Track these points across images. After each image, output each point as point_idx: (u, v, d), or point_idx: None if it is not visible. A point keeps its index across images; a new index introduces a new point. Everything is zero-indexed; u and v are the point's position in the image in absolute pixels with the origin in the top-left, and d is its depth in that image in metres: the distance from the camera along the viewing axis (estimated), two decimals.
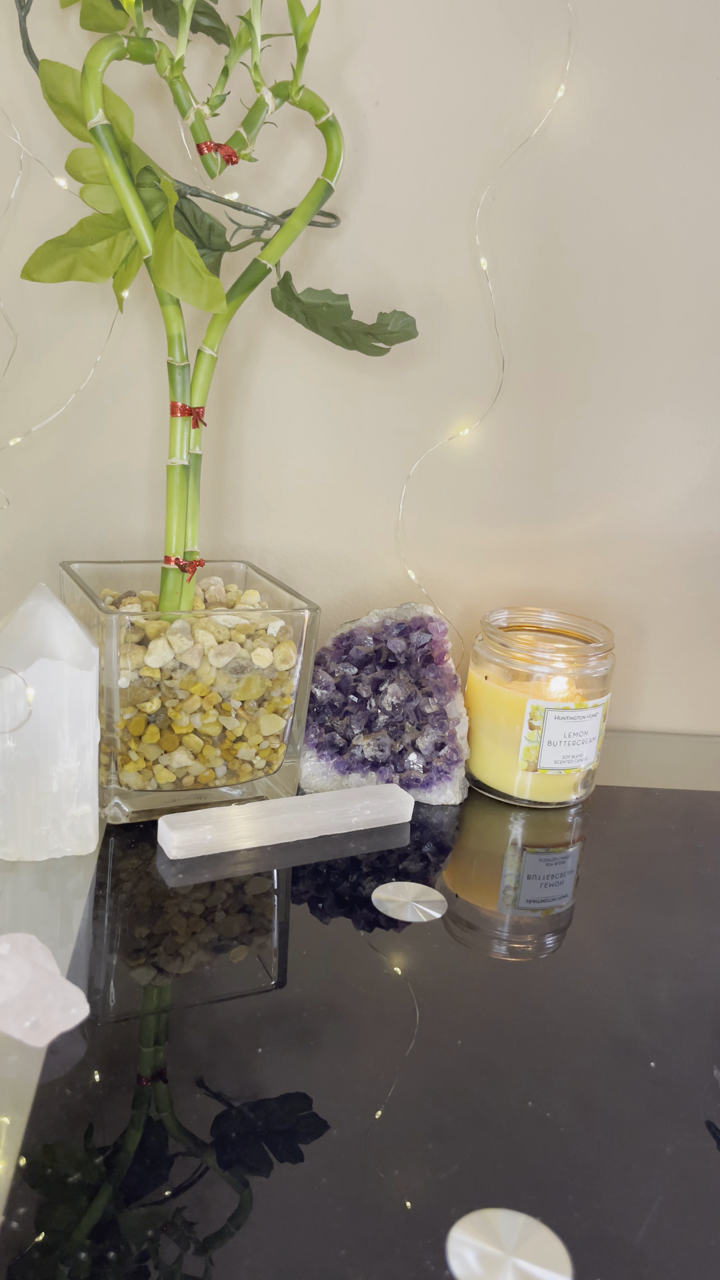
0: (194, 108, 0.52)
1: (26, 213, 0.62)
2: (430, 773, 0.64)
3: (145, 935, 0.48)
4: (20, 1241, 0.31)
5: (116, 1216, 0.33)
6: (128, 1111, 0.37)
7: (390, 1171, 0.35)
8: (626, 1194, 0.35)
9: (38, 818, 0.52)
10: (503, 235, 0.68)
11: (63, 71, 0.52)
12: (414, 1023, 0.43)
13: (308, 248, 0.67)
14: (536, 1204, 0.35)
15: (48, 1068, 0.39)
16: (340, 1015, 0.43)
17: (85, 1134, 0.36)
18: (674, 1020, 0.45)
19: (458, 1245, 0.33)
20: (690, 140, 0.67)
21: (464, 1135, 0.37)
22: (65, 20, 0.59)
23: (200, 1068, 0.40)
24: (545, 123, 0.65)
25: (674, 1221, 0.35)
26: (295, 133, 0.64)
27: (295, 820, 0.58)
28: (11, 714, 0.49)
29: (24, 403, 0.66)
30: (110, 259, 0.55)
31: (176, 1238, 0.32)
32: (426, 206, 0.67)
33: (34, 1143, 0.35)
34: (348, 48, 0.63)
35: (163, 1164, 0.35)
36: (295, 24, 0.52)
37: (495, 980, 0.47)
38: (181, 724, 0.58)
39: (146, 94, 0.62)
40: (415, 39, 0.63)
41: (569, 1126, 0.38)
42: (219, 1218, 0.33)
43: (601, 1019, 0.45)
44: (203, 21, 0.57)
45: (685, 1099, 0.40)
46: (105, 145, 0.51)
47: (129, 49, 0.50)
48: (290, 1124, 0.37)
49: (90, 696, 0.51)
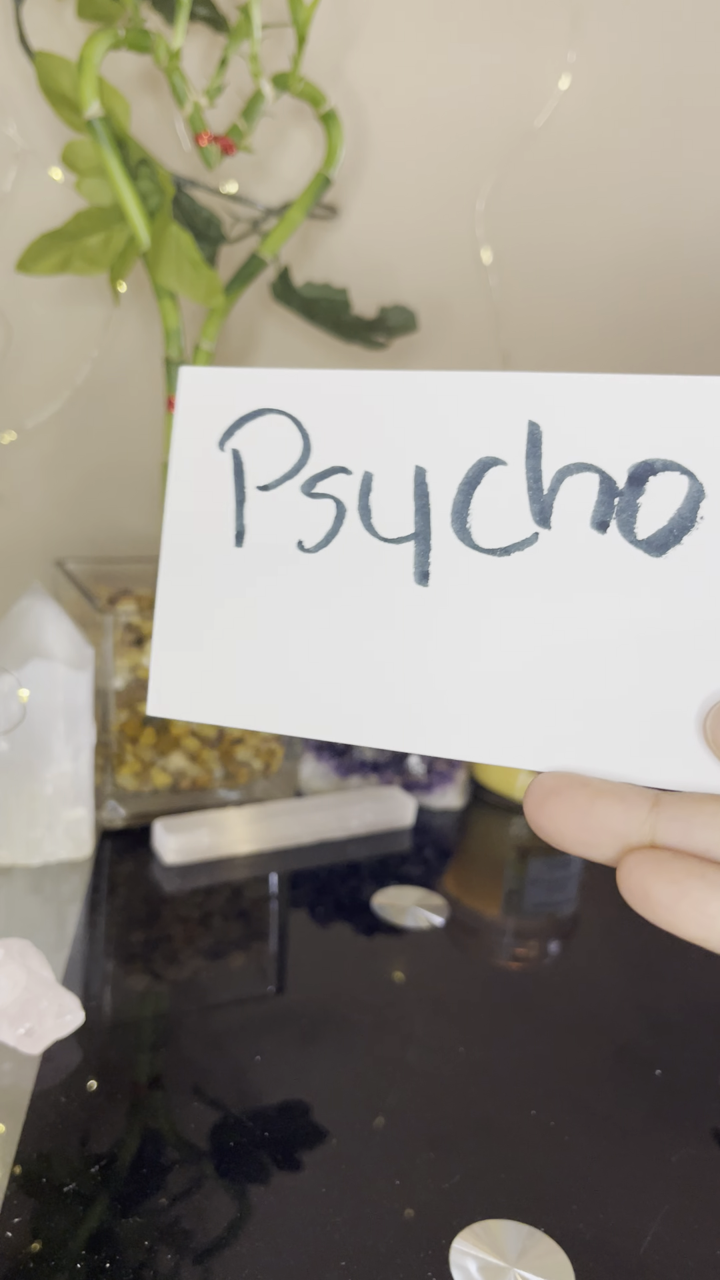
0: (191, 99, 0.51)
1: (22, 205, 0.62)
2: (432, 775, 0.64)
3: (141, 941, 0.47)
4: (16, 1251, 0.31)
5: (113, 1226, 0.32)
6: (124, 1120, 0.36)
7: (391, 1181, 0.35)
8: (631, 1204, 0.35)
9: (32, 821, 0.51)
10: (505, 228, 0.67)
11: (58, 62, 0.51)
12: (415, 1029, 0.43)
13: (307, 240, 0.66)
14: (539, 1214, 0.34)
15: (42, 1075, 0.38)
16: (340, 1022, 0.43)
17: (81, 1142, 0.35)
18: (680, 1027, 0.45)
19: (460, 1256, 0.32)
20: (696, 131, 0.66)
21: (466, 1144, 0.37)
22: (61, 10, 0.59)
23: (197, 1075, 0.39)
24: (549, 113, 0.65)
25: (679, 1231, 0.34)
26: (294, 124, 0.63)
27: (294, 824, 0.57)
28: (5, 715, 0.49)
29: (18, 398, 0.65)
30: (106, 252, 0.54)
31: (174, 1247, 0.32)
32: (427, 199, 0.66)
33: (29, 1151, 0.35)
34: (348, 38, 0.62)
35: (159, 1173, 0.34)
36: (294, 13, 0.51)
37: (498, 986, 0.46)
38: (178, 726, 0.57)
39: (143, 85, 0.61)
40: (416, 28, 0.63)
41: (573, 1135, 0.38)
42: (216, 1227, 0.32)
43: (606, 1026, 0.44)
44: (200, 11, 0.56)
45: (691, 1107, 0.40)
46: (101, 137, 0.50)
47: (125, 39, 0.49)
48: (289, 1132, 0.37)
49: (85, 697, 0.50)
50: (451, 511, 0.23)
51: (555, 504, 0.22)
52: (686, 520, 0.22)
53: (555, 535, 0.22)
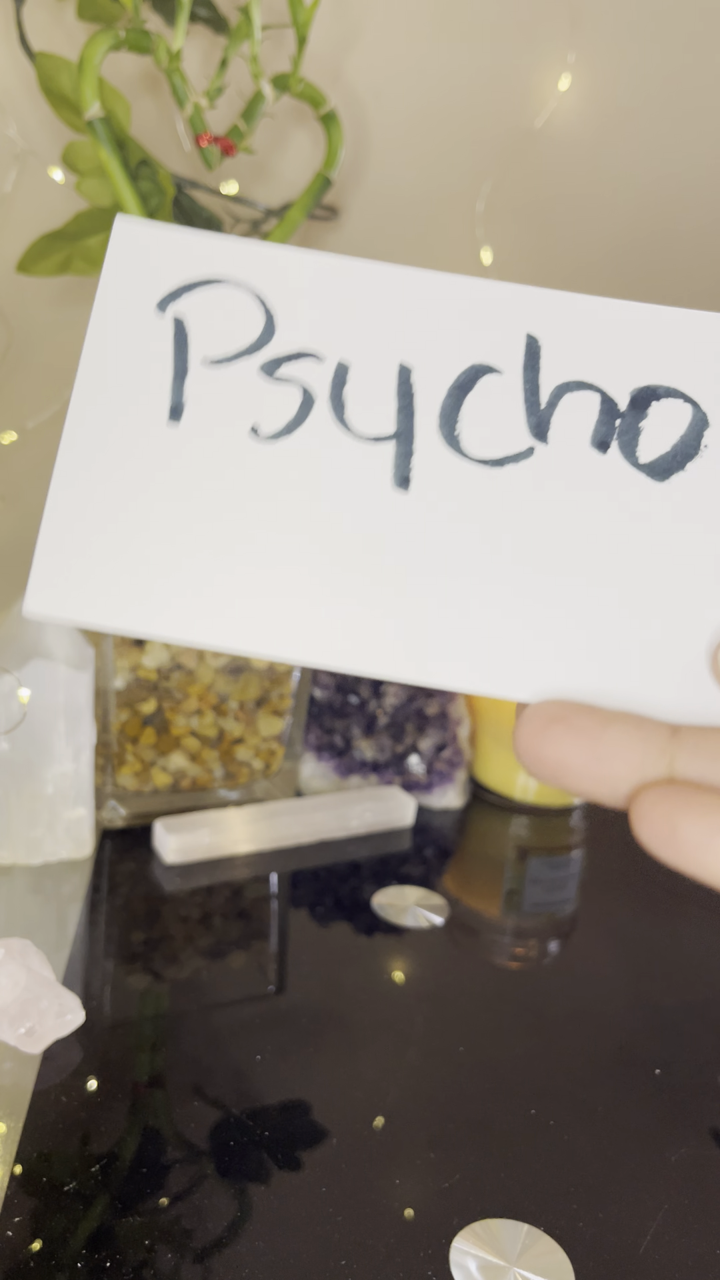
0: (192, 99, 0.51)
1: (22, 206, 0.62)
2: (432, 775, 0.64)
3: (142, 940, 0.47)
4: (16, 1250, 0.31)
5: (113, 1225, 0.32)
6: (124, 1119, 0.36)
7: (391, 1180, 0.35)
8: (631, 1203, 0.35)
9: (32, 821, 0.51)
10: (505, 228, 0.67)
11: (59, 63, 0.51)
12: (415, 1029, 0.43)
13: (307, 241, 0.66)
14: (539, 1213, 0.34)
15: (43, 1075, 0.38)
16: (340, 1021, 0.43)
17: (81, 1141, 0.35)
18: (680, 1027, 0.45)
19: (460, 1255, 0.32)
20: (695, 131, 0.66)
21: (466, 1143, 0.37)
22: (61, 11, 0.59)
23: (198, 1074, 0.39)
24: (548, 114, 0.65)
25: (678, 1231, 0.34)
26: (294, 125, 0.63)
27: (294, 823, 0.57)
28: (5, 715, 0.49)
29: (19, 398, 0.66)
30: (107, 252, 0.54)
31: (174, 1246, 0.32)
32: (427, 199, 0.66)
33: (29, 1150, 0.35)
34: (348, 39, 0.62)
35: (160, 1172, 0.34)
36: (294, 15, 0.51)
37: (498, 986, 0.46)
38: (178, 725, 0.57)
39: (144, 86, 0.61)
40: (416, 29, 0.63)
41: (572, 1134, 0.38)
42: (217, 1226, 0.33)
43: (606, 1025, 0.44)
44: (201, 12, 0.57)
45: (691, 1107, 0.40)
46: (102, 137, 0.50)
47: (126, 40, 0.49)
48: (289, 1131, 0.37)
49: (86, 698, 0.50)
50: (440, 414, 0.21)
51: (554, 419, 0.21)
52: (690, 447, 0.21)
53: (553, 450, 0.21)
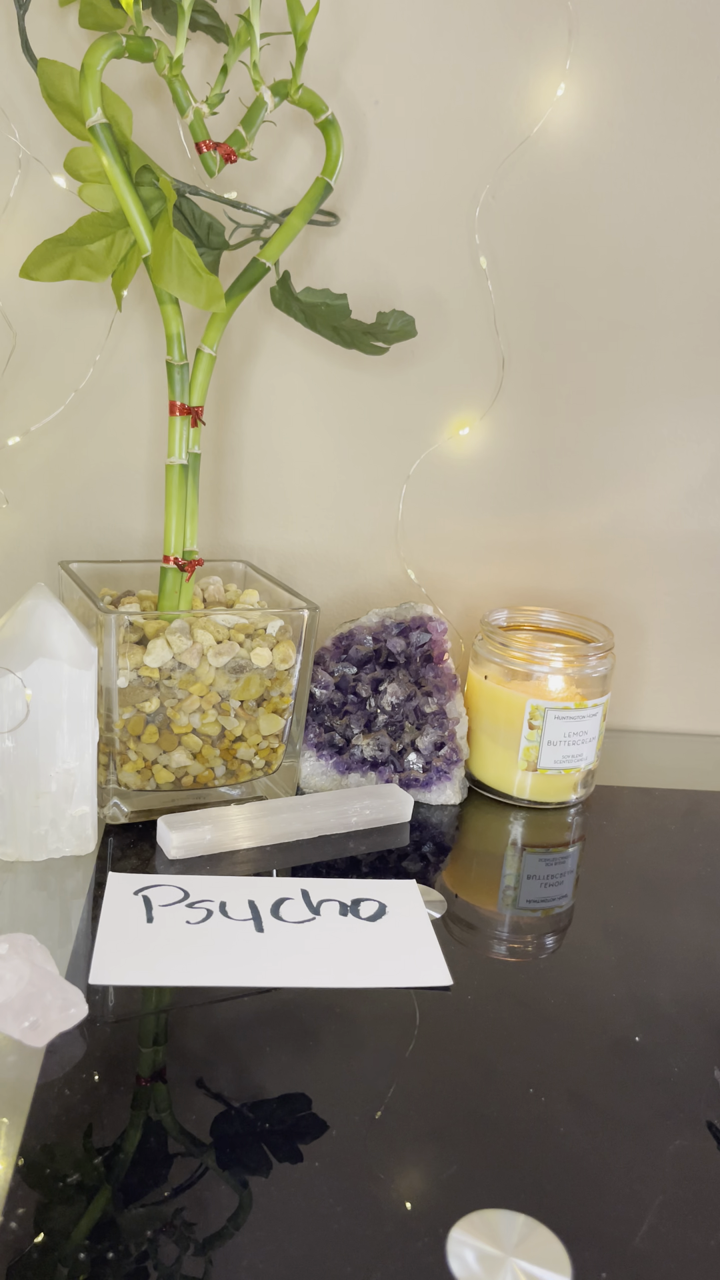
0: (193, 106, 0.52)
1: (25, 211, 0.62)
2: (430, 773, 0.64)
3: None
4: (19, 1242, 0.31)
5: (116, 1217, 0.33)
6: (127, 1112, 0.37)
7: (390, 1172, 0.35)
8: (626, 1194, 0.35)
9: (36, 818, 0.52)
10: (503, 234, 0.68)
11: (61, 70, 0.51)
12: (413, 1023, 0.43)
13: (307, 246, 0.66)
14: (536, 1204, 0.35)
15: (46, 1068, 0.39)
16: (340, 1015, 0.43)
17: (84, 1134, 0.36)
18: (674, 1020, 0.45)
19: (457, 1245, 0.33)
20: (691, 139, 0.67)
21: (463, 1135, 0.37)
22: (64, 19, 0.59)
23: (199, 1068, 0.39)
24: (545, 121, 0.65)
25: (674, 1221, 0.34)
26: (294, 131, 0.64)
27: (294, 820, 0.58)
28: (10, 714, 0.49)
29: (22, 402, 0.66)
30: (109, 258, 0.54)
31: (176, 1238, 0.32)
32: (426, 205, 0.67)
33: (33, 1143, 0.35)
34: (347, 46, 0.63)
35: (162, 1164, 0.35)
36: (294, 22, 0.51)
37: (495, 980, 0.47)
38: (180, 724, 0.57)
39: (145, 92, 0.62)
40: (415, 37, 0.63)
41: (569, 1126, 0.38)
42: (218, 1218, 0.33)
43: (601, 1019, 0.45)
44: (201, 20, 0.57)
45: (686, 1099, 0.40)
46: (104, 144, 0.51)
47: (128, 47, 0.50)
48: (290, 1124, 0.37)
49: (89, 696, 0.51)
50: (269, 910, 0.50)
51: None
52: None
53: None
